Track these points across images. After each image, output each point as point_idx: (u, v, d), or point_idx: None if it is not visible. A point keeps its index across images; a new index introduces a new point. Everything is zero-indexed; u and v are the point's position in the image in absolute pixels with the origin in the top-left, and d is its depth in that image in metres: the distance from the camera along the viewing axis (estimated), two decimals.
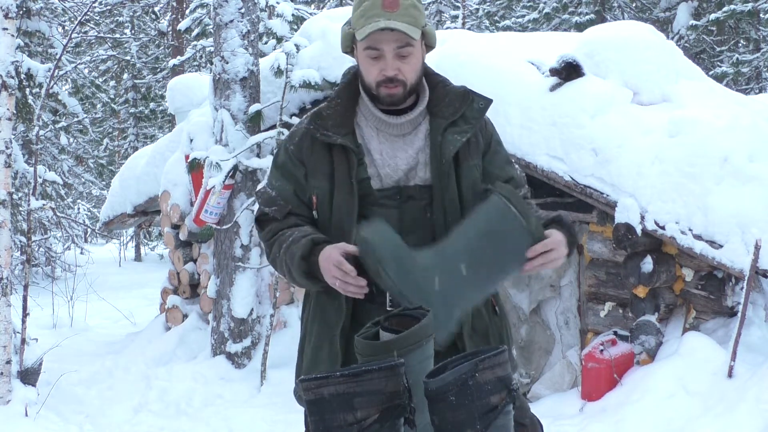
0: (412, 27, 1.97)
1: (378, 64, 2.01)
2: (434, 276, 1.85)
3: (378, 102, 2.07)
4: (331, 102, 2.14)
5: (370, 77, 2.04)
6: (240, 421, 5.15)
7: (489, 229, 1.89)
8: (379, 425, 1.46)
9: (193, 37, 13.91)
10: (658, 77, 5.40)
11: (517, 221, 1.88)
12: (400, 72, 2.01)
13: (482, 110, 2.09)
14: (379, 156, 2.07)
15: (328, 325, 2.06)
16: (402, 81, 2.02)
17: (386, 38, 1.98)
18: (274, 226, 2.14)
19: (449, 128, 2.05)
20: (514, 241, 1.90)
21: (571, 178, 4.91)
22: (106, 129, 21.23)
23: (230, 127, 6.01)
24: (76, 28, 9.17)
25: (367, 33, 1.96)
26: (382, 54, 2.00)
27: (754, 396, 4.08)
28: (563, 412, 4.80)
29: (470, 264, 1.87)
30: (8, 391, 4.91)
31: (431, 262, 1.87)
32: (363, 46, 2.02)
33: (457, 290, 1.87)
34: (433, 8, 19.00)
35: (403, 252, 1.85)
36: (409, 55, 2.01)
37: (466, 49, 5.70)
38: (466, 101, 2.09)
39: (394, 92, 2.02)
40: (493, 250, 1.89)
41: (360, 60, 2.07)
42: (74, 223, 13.98)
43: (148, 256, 19.83)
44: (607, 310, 5.18)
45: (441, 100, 2.10)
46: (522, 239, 1.90)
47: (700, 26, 13.40)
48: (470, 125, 2.07)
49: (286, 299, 6.45)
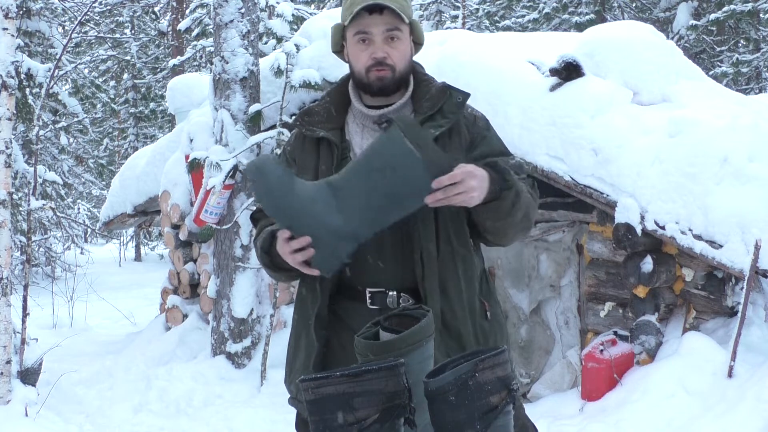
0: (399, 11, 2.01)
1: (367, 49, 2.04)
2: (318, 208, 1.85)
3: (368, 91, 2.08)
4: (321, 100, 2.19)
5: (359, 64, 2.06)
6: (240, 421, 5.15)
7: (381, 161, 1.86)
8: (379, 425, 1.47)
9: (193, 37, 13.91)
10: (658, 77, 5.40)
11: (411, 153, 1.82)
12: (389, 56, 2.04)
13: (460, 104, 2.09)
14: (360, 150, 2.10)
15: (306, 315, 2.09)
16: (391, 65, 2.04)
17: (374, 22, 2.02)
18: (262, 224, 2.19)
19: (426, 122, 2.06)
20: (409, 174, 1.83)
21: (571, 178, 4.91)
22: (106, 129, 21.23)
23: (230, 127, 6.01)
24: (76, 28, 9.17)
25: (356, 11, 2.00)
26: (371, 38, 2.04)
27: (754, 396, 4.08)
28: (563, 412, 4.80)
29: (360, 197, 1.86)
30: (8, 391, 4.91)
31: (317, 194, 1.87)
32: (352, 32, 2.06)
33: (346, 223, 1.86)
34: (433, 8, 18.99)
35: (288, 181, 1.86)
36: (397, 39, 2.05)
37: (466, 49, 5.70)
38: (444, 95, 2.10)
39: (383, 75, 2.04)
40: (385, 183, 1.85)
41: (350, 50, 2.09)
42: (74, 223, 13.98)
43: (148, 256, 19.85)
44: (607, 310, 5.18)
45: (423, 96, 2.11)
46: (417, 171, 1.83)
47: (700, 26, 13.40)
48: (447, 119, 2.07)
49: (286, 299, 6.45)
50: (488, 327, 2.10)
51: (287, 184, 1.85)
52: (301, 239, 1.89)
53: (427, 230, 2.01)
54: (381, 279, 2.04)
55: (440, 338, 1.98)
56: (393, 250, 2.03)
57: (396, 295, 2.03)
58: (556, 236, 5.48)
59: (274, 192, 1.85)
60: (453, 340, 2.02)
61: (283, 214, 1.87)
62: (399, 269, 2.03)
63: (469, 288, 2.05)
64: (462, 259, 2.05)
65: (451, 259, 2.03)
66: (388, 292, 2.04)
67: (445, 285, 2.01)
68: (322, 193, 1.88)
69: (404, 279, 2.03)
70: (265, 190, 1.86)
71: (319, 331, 2.06)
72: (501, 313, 2.21)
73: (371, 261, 2.04)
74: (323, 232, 1.87)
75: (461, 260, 2.05)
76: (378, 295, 2.04)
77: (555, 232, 5.47)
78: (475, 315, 2.07)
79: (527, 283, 5.64)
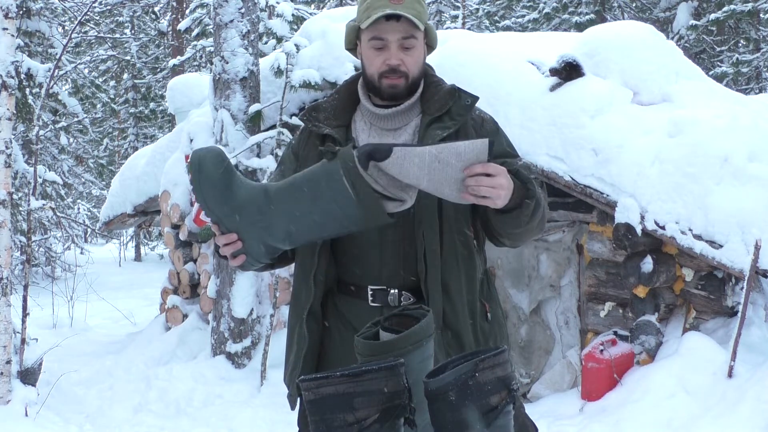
0: (416, 19, 2.01)
1: (382, 54, 2.04)
2: (251, 209, 1.91)
3: (379, 95, 2.08)
4: (330, 97, 2.19)
5: (372, 68, 2.06)
6: (240, 421, 5.15)
7: (316, 189, 1.90)
8: (379, 425, 1.46)
9: (193, 37, 13.91)
10: (658, 77, 5.41)
11: (345, 193, 1.86)
12: (403, 63, 2.03)
13: (468, 107, 2.10)
14: None
15: (299, 309, 2.09)
16: (405, 73, 2.04)
17: (391, 28, 2.01)
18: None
19: (434, 123, 2.06)
20: (338, 209, 1.88)
21: (571, 178, 4.91)
22: (106, 129, 21.24)
23: (230, 127, 6.01)
24: (76, 28, 9.17)
25: (374, 18, 1.99)
26: (386, 44, 2.03)
27: (754, 396, 4.08)
28: (563, 412, 4.80)
29: (287, 212, 1.90)
30: (8, 391, 4.91)
31: (253, 197, 1.92)
32: (368, 37, 2.05)
33: (269, 230, 1.92)
34: (433, 8, 19.00)
35: (227, 179, 1.91)
36: (412, 47, 2.04)
37: (466, 49, 5.70)
38: (453, 97, 2.10)
39: (396, 83, 2.04)
40: (313, 209, 1.90)
41: (364, 52, 2.09)
42: (74, 223, 13.99)
43: (148, 256, 19.85)
44: (607, 310, 5.18)
45: (432, 97, 2.11)
46: (350, 209, 1.88)
47: (700, 26, 13.41)
48: (454, 121, 2.07)
49: (286, 299, 6.45)
50: (488, 328, 2.11)
51: (224, 182, 1.90)
52: (229, 235, 1.92)
53: (431, 230, 2.01)
54: (383, 277, 2.05)
55: (441, 338, 1.99)
56: (396, 249, 2.04)
57: (397, 293, 2.04)
58: (556, 236, 5.48)
59: (208, 188, 1.90)
60: (453, 339, 2.02)
61: (213, 211, 1.92)
62: (401, 267, 2.04)
63: (470, 289, 2.06)
64: (464, 259, 2.05)
65: (454, 259, 2.03)
66: (389, 290, 2.04)
67: (447, 285, 2.01)
68: (259, 197, 1.92)
69: (406, 277, 2.04)
70: (200, 185, 1.91)
71: (311, 324, 2.07)
72: (501, 314, 2.21)
73: (373, 259, 2.04)
74: (250, 231, 1.92)
75: (463, 261, 2.05)
76: (379, 292, 2.04)
77: (555, 232, 5.47)
78: (475, 316, 2.07)
79: (527, 283, 5.64)
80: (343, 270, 2.08)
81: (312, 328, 2.07)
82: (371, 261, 2.05)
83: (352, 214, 1.88)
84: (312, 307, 2.07)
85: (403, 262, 2.04)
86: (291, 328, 2.14)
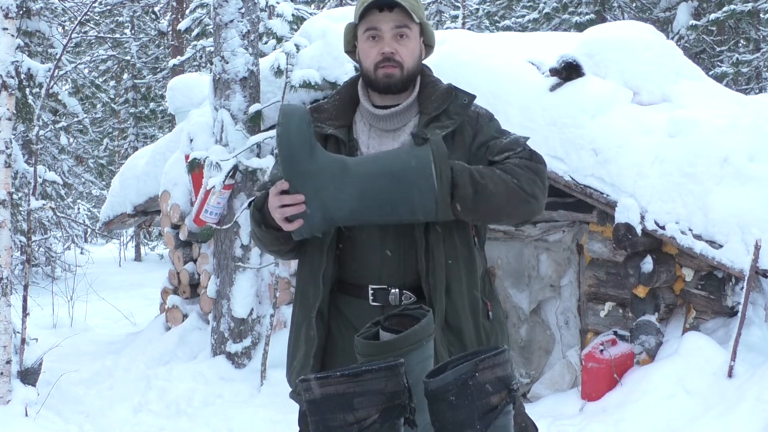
0: (409, 9, 2.04)
1: (377, 45, 2.07)
2: (324, 177, 1.89)
3: (376, 88, 2.10)
4: (331, 97, 2.21)
5: (368, 60, 2.09)
6: (240, 421, 5.15)
7: (400, 168, 1.90)
8: (379, 425, 1.46)
9: (193, 37, 13.92)
10: (658, 77, 5.40)
11: (429, 180, 1.87)
12: (397, 53, 2.07)
13: (465, 106, 2.11)
14: (366, 149, 2.11)
15: (307, 308, 2.09)
16: (399, 62, 2.07)
17: (384, 19, 2.06)
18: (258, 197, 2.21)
19: (431, 123, 2.08)
20: (416, 195, 1.89)
21: (571, 178, 4.91)
22: (106, 129, 21.24)
23: (230, 127, 6.01)
24: (76, 28, 9.17)
25: (366, 5, 2.03)
26: (380, 34, 2.07)
27: (754, 396, 4.08)
28: (563, 412, 4.80)
29: (361, 186, 1.89)
30: (8, 391, 4.91)
31: (330, 165, 1.91)
32: (362, 29, 2.09)
33: (337, 202, 1.90)
34: (433, 8, 19.00)
35: (309, 139, 1.90)
36: (406, 37, 2.07)
37: (466, 49, 5.70)
38: (450, 97, 2.11)
39: (391, 72, 2.06)
40: (390, 188, 1.89)
41: (360, 48, 2.12)
42: (74, 223, 13.98)
43: (148, 256, 19.85)
44: (607, 310, 5.18)
45: (429, 97, 2.13)
46: (428, 197, 1.88)
47: (700, 26, 13.40)
48: (452, 120, 2.08)
49: (286, 299, 6.45)
50: (489, 327, 2.11)
51: (307, 141, 1.90)
52: (295, 196, 1.91)
53: (431, 228, 2.02)
54: (383, 276, 2.05)
55: (443, 336, 1.99)
56: (396, 248, 2.04)
57: (398, 292, 2.04)
58: (556, 236, 5.48)
59: (294, 142, 1.89)
60: (455, 338, 2.03)
61: (290, 167, 1.90)
62: (402, 267, 2.04)
63: (471, 287, 2.06)
64: (465, 258, 2.06)
65: (455, 258, 2.04)
66: (390, 290, 2.04)
67: (448, 284, 2.02)
68: (335, 166, 1.91)
69: (407, 277, 2.04)
70: (287, 137, 1.89)
71: (320, 324, 2.06)
72: (502, 313, 2.22)
73: (374, 258, 2.04)
74: (314, 200, 1.90)
75: (464, 260, 2.05)
76: (380, 292, 2.05)
77: (555, 232, 5.47)
78: (477, 314, 2.07)
79: (527, 283, 5.64)
80: (344, 269, 2.09)
81: (320, 327, 2.07)
82: (372, 260, 2.05)
83: (426, 204, 1.89)
84: (321, 307, 2.06)
85: (404, 261, 2.04)
86: (297, 327, 2.13)
